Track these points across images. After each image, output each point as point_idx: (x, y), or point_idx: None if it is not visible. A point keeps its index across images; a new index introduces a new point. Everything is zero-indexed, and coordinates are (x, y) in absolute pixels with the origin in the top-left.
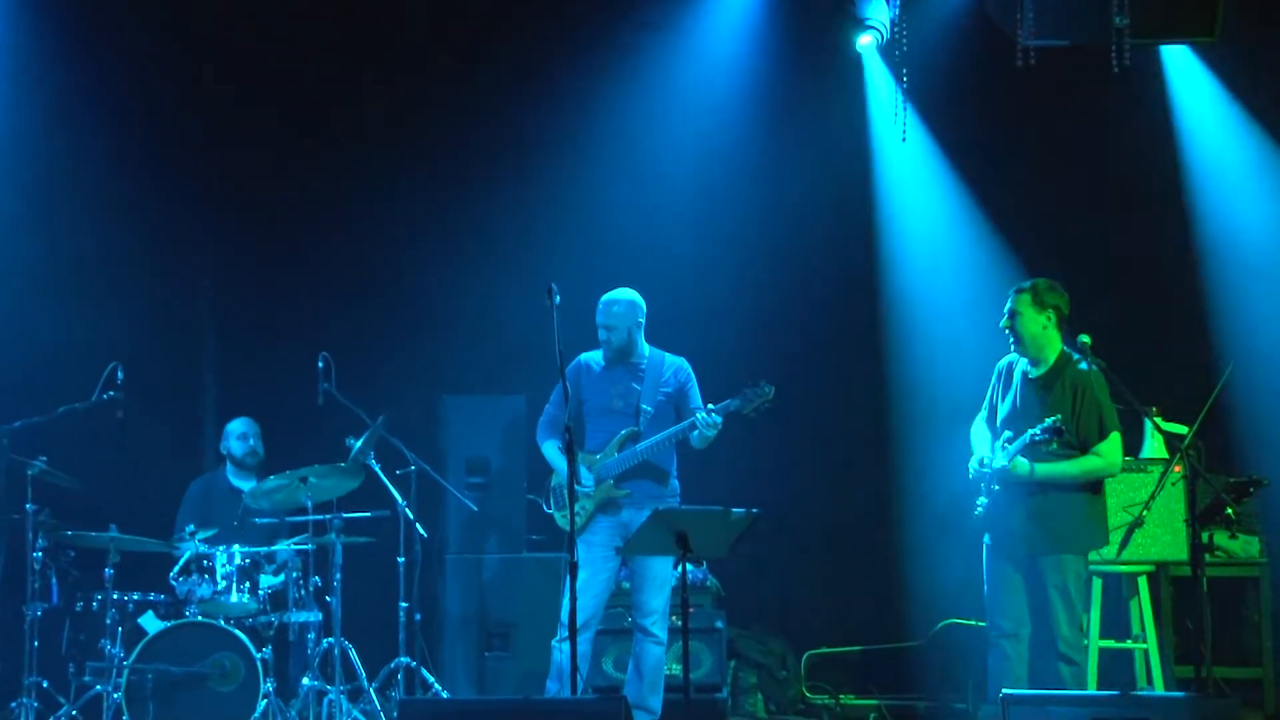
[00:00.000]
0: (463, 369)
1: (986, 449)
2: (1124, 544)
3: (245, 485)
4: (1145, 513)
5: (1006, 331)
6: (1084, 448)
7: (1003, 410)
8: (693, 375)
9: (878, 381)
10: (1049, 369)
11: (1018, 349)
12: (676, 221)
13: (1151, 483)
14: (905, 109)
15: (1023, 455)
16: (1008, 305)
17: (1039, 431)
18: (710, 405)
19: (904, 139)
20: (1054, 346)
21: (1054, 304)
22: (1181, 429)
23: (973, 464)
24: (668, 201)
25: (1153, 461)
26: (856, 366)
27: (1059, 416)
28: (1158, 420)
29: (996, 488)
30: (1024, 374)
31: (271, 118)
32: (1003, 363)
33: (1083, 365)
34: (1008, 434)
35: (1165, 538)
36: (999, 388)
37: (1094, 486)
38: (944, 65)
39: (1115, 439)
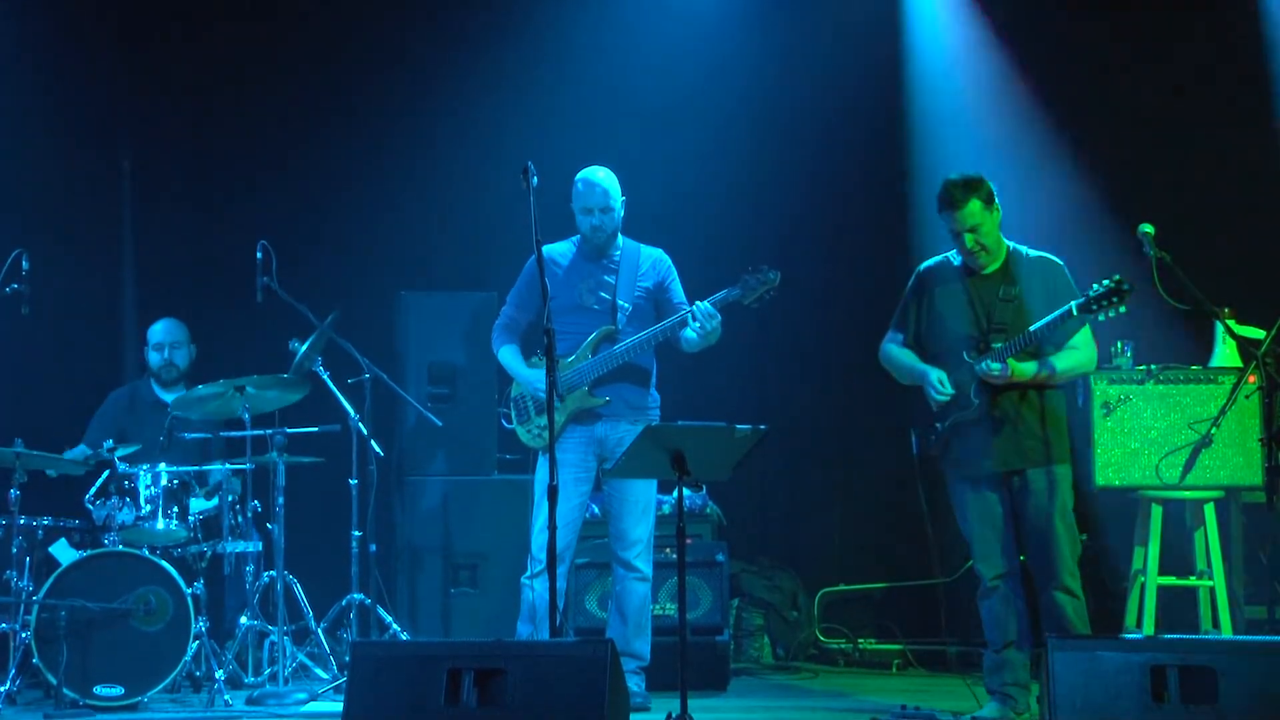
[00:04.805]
0: (424, 261)
1: (935, 369)
2: (1188, 466)
3: (171, 398)
4: (1214, 430)
5: (976, 254)
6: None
7: (957, 322)
8: (674, 269)
9: (905, 276)
10: (1001, 262)
11: (982, 260)
12: (666, 92)
13: (1222, 395)
14: None
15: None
16: (959, 224)
17: (1098, 285)
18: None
19: None
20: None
21: (993, 194)
22: (1259, 333)
23: (933, 381)
24: (656, 68)
25: (1223, 371)
26: (879, 258)
27: (1117, 276)
28: (1230, 323)
29: (976, 401)
30: (964, 271)
31: None
32: (924, 268)
33: (1032, 253)
34: (998, 344)
35: (1236, 459)
36: (924, 300)
37: (1066, 390)
38: None
39: (1088, 330)
